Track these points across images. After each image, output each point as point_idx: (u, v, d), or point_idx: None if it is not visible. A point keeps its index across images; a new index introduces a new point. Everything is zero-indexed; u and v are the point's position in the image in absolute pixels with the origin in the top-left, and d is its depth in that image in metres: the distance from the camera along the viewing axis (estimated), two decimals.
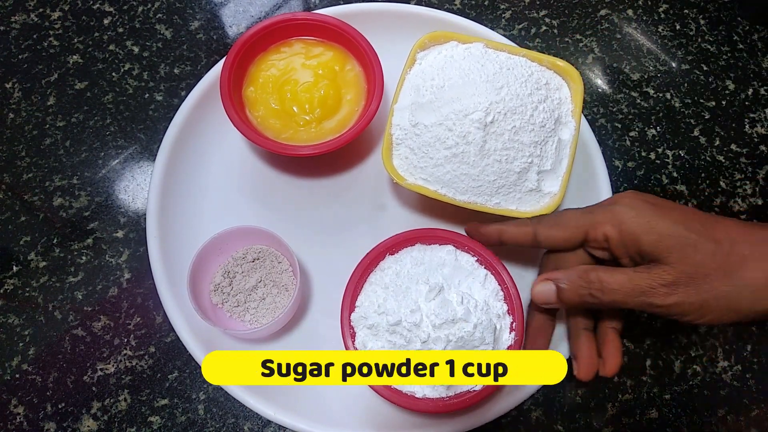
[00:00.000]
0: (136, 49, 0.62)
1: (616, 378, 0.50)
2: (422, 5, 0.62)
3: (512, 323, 0.43)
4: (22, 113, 0.59)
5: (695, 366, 0.50)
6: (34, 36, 0.62)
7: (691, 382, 0.50)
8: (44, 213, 0.55)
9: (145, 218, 0.51)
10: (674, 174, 0.57)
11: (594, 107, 0.60)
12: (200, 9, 0.64)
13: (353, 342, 0.43)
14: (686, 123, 0.59)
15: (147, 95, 0.60)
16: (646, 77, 0.61)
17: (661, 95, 0.60)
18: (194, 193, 0.54)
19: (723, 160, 0.58)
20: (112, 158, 0.57)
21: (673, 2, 0.65)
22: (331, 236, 0.53)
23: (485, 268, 0.45)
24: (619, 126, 0.59)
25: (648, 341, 0.51)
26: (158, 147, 0.54)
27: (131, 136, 0.58)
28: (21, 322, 0.51)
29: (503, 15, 0.64)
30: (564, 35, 0.63)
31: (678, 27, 0.64)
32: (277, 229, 0.48)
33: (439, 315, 0.40)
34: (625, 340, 0.51)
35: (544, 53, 0.49)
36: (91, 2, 0.64)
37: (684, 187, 0.57)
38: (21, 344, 0.50)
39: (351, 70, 0.54)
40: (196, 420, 0.48)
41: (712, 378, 0.50)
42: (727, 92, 0.61)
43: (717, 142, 0.59)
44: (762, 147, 0.58)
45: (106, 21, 0.63)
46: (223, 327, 0.47)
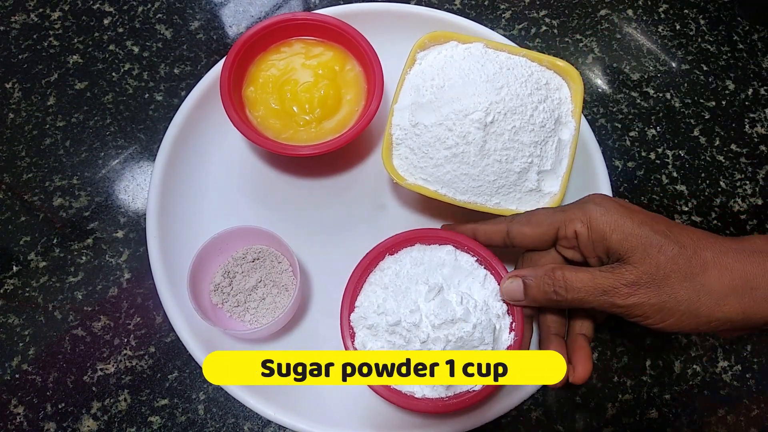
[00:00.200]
0: (136, 49, 0.62)
1: (616, 378, 0.50)
2: (422, 5, 0.62)
3: (512, 323, 0.43)
4: (22, 113, 0.59)
5: (695, 366, 0.50)
6: (34, 36, 0.62)
7: (691, 382, 0.50)
8: (44, 213, 0.55)
9: (145, 218, 0.51)
10: (674, 174, 0.57)
11: (594, 107, 0.60)
12: (200, 9, 0.64)
13: (353, 342, 0.43)
14: (686, 123, 0.59)
15: (147, 95, 0.60)
16: (646, 77, 0.61)
17: (661, 95, 0.60)
18: (194, 193, 0.54)
19: (723, 160, 0.58)
20: (112, 158, 0.57)
21: (673, 2, 0.65)
22: (331, 236, 0.53)
23: (485, 269, 0.45)
24: (619, 126, 0.59)
25: (648, 341, 0.51)
26: (158, 147, 0.54)
27: (131, 136, 0.58)
28: (21, 322, 0.51)
29: (503, 15, 0.64)
30: (564, 35, 0.63)
31: (678, 27, 0.64)
32: (277, 229, 0.48)
33: (439, 315, 0.40)
34: (625, 340, 0.51)
35: (544, 53, 0.49)
36: (91, 2, 0.64)
37: (684, 187, 0.57)
38: (21, 344, 0.50)
39: (351, 70, 0.54)
40: (196, 420, 0.48)
41: (712, 378, 0.50)
42: (727, 92, 0.61)
43: (717, 142, 0.59)
44: (762, 147, 0.58)
45: (106, 21, 0.63)
46: (223, 327, 0.47)
